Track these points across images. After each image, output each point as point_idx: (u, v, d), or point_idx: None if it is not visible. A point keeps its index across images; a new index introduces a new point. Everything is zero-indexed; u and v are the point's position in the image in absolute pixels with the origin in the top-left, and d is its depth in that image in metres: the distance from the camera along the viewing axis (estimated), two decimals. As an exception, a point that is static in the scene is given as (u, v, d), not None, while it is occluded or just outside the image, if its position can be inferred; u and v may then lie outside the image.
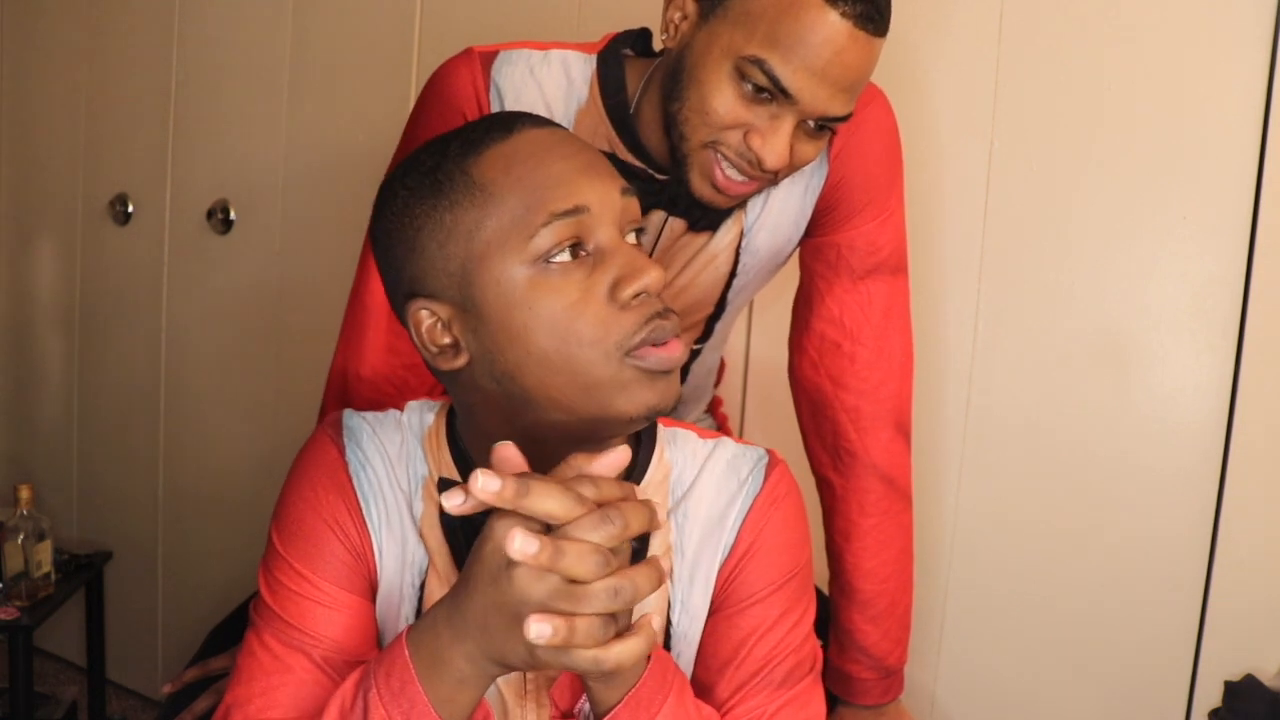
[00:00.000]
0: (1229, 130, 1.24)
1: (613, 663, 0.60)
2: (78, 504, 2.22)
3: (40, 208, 2.22)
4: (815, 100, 0.87)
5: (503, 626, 0.60)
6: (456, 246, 0.71)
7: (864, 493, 1.10)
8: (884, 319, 1.09)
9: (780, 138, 0.88)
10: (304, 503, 0.80)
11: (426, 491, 0.80)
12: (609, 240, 0.71)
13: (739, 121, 0.89)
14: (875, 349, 1.09)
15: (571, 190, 0.70)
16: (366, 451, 0.80)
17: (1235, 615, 1.27)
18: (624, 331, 0.69)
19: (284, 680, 0.75)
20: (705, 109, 0.89)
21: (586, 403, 0.70)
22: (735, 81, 0.88)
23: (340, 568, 0.78)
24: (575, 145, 0.73)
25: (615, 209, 0.71)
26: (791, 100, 0.87)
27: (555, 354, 0.69)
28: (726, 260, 1.07)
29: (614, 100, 0.98)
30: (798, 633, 0.81)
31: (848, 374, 1.10)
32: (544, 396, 0.71)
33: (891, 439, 1.11)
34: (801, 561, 0.83)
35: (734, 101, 0.88)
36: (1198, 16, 1.25)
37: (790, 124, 0.88)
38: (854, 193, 1.05)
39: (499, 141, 0.72)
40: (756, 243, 1.06)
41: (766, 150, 0.88)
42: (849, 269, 1.08)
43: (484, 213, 0.70)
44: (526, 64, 1.01)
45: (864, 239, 1.07)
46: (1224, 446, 1.27)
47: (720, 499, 0.82)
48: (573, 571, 0.57)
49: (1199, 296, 1.28)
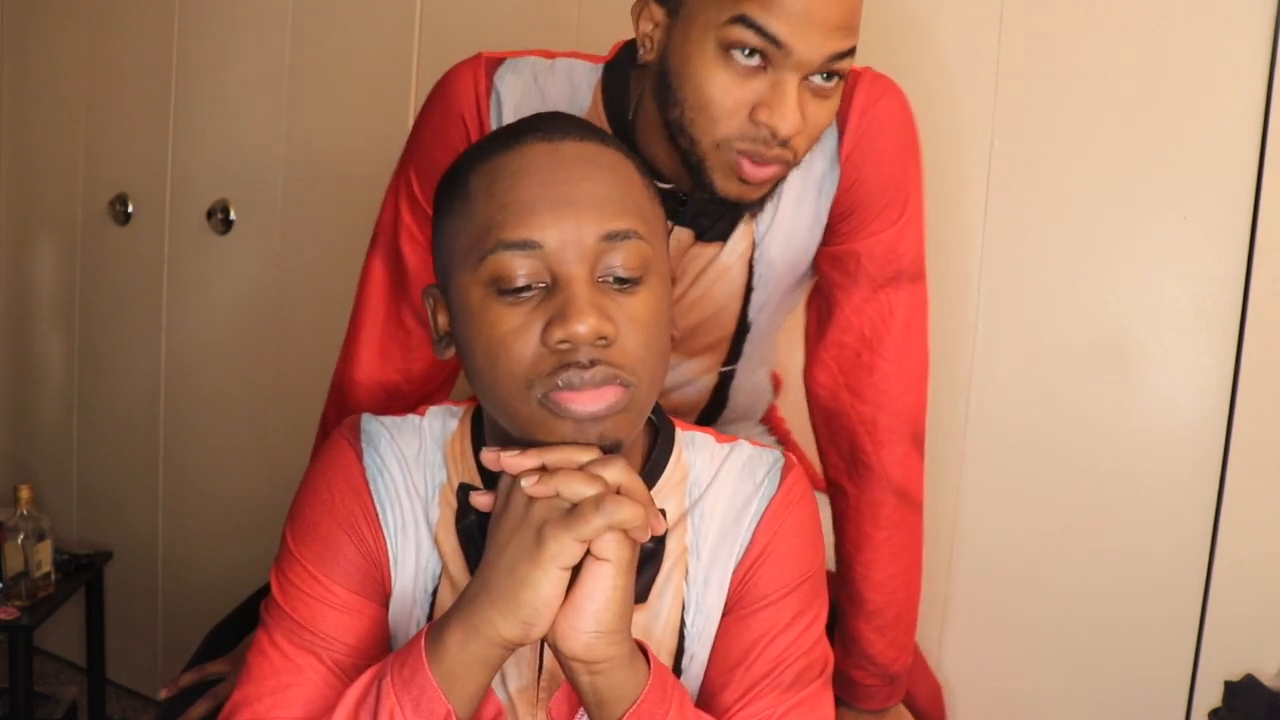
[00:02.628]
0: (1229, 130, 1.24)
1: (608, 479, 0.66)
2: (78, 504, 2.22)
3: (40, 208, 2.23)
4: (810, 46, 0.82)
5: (526, 572, 0.66)
6: (444, 247, 0.74)
7: (878, 505, 1.08)
8: (905, 329, 1.05)
9: (788, 101, 0.83)
10: (320, 505, 0.79)
11: (443, 498, 0.80)
12: (567, 279, 0.68)
13: (740, 102, 0.84)
14: (896, 361, 1.06)
15: (527, 222, 0.68)
16: (384, 456, 0.80)
17: (1235, 615, 1.27)
18: (538, 374, 0.68)
19: (294, 680, 0.75)
20: (704, 101, 0.85)
21: (513, 427, 0.72)
22: (725, 60, 0.84)
23: (354, 572, 0.78)
24: (565, 173, 0.70)
25: (584, 249, 0.68)
26: (786, 52, 0.82)
27: (486, 375, 0.71)
28: (740, 272, 1.04)
29: (616, 108, 0.97)
30: (809, 636, 0.80)
31: (866, 385, 1.06)
32: (491, 409, 0.74)
33: (907, 452, 1.08)
34: (815, 565, 0.83)
35: (729, 81, 0.84)
36: (1198, 16, 1.25)
37: (793, 86, 0.84)
38: (870, 195, 1.00)
39: (501, 153, 0.72)
40: (771, 253, 1.03)
41: (777, 118, 0.84)
42: (869, 277, 1.04)
43: (462, 222, 0.72)
44: (531, 72, 0.99)
45: (883, 246, 1.03)
46: (1224, 447, 1.27)
47: (736, 501, 0.81)
48: (566, 491, 0.66)
49: (1199, 297, 1.27)
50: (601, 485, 0.66)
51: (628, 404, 0.69)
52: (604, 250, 0.69)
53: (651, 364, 0.71)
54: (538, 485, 0.66)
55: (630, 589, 0.68)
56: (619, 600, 0.67)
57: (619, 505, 0.65)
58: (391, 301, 1.08)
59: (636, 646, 0.71)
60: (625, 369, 0.69)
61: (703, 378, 1.15)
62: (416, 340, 1.09)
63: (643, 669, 0.70)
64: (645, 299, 0.71)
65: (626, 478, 0.67)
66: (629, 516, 0.65)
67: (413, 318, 1.08)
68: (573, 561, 0.66)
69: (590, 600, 0.66)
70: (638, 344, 0.70)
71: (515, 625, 0.66)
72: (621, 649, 0.68)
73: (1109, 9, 1.29)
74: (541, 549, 0.65)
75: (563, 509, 0.66)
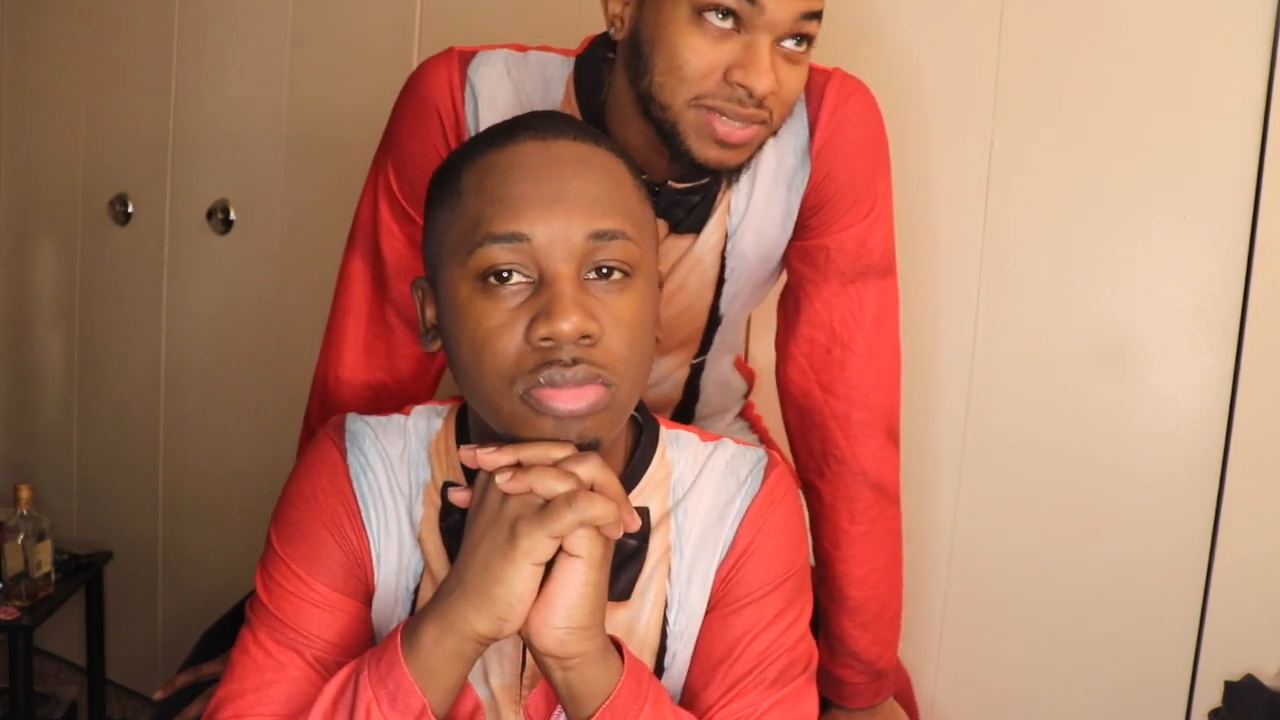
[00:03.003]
0: (1229, 130, 1.24)
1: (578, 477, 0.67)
2: (78, 504, 2.22)
3: (40, 208, 2.23)
4: (781, 5, 0.84)
5: (500, 568, 0.66)
6: (434, 242, 0.75)
7: (853, 500, 1.08)
8: (875, 324, 1.07)
9: (762, 60, 0.85)
10: (304, 504, 0.80)
11: (427, 497, 0.80)
12: (554, 275, 0.69)
13: (714, 64, 0.85)
14: (866, 355, 1.07)
15: (516, 215, 0.69)
16: (368, 455, 0.81)
17: (1235, 615, 1.27)
18: (521, 370, 0.68)
19: (276, 678, 0.76)
20: (677, 64, 0.86)
21: (497, 425, 0.72)
22: (697, 23, 0.85)
23: (337, 570, 0.79)
24: (557, 171, 0.71)
25: (571, 247, 0.69)
26: (759, 9, 0.83)
27: (471, 370, 0.71)
28: (713, 264, 1.05)
29: (589, 101, 0.97)
30: (792, 633, 0.81)
31: (838, 381, 1.07)
32: (475, 404, 0.74)
33: (882, 446, 1.09)
34: (798, 562, 0.83)
35: (702, 44, 0.85)
36: (1198, 16, 1.25)
37: (766, 45, 0.85)
38: (839, 190, 1.02)
39: (494, 149, 0.73)
40: (743, 245, 1.04)
41: (752, 77, 0.85)
42: (838, 272, 1.05)
43: (453, 216, 0.73)
44: (504, 65, 1.00)
45: (853, 240, 1.04)
46: (1224, 447, 1.27)
47: (719, 499, 0.82)
48: (539, 487, 0.67)
49: (1199, 297, 1.27)
50: (575, 482, 0.66)
51: (609, 403, 0.70)
52: (592, 249, 0.69)
53: (634, 364, 0.71)
54: (511, 481, 0.67)
55: (603, 585, 0.69)
56: (591, 596, 0.67)
57: (591, 501, 0.65)
58: (374, 299, 1.08)
59: (610, 642, 0.71)
60: (608, 369, 0.69)
61: (676, 372, 1.16)
62: (400, 338, 1.09)
63: (616, 665, 0.71)
64: (631, 300, 0.71)
65: (600, 474, 0.68)
66: (601, 513, 0.65)
67: (395, 316, 1.08)
68: (545, 557, 0.66)
69: (562, 596, 0.67)
70: (622, 344, 0.70)
71: (489, 620, 0.66)
72: (594, 644, 0.69)
73: (1109, 9, 1.29)
74: (514, 545, 0.65)
75: (536, 505, 0.66)
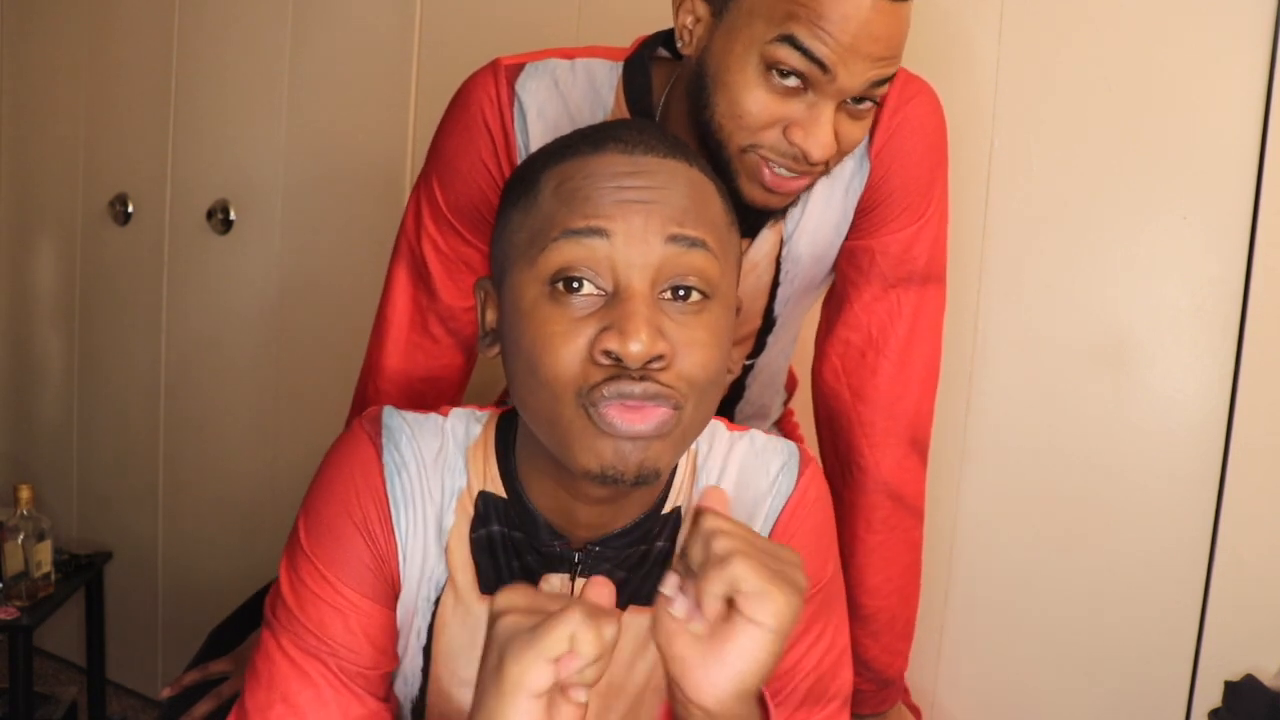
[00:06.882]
0: (1229, 130, 1.24)
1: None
2: (78, 504, 2.22)
3: (40, 208, 2.23)
4: (852, 75, 0.82)
5: (493, 704, 0.57)
6: (504, 241, 0.72)
7: (871, 509, 1.07)
8: (910, 331, 1.04)
9: (823, 127, 0.83)
10: (336, 501, 0.76)
11: (460, 504, 0.77)
12: (629, 289, 0.64)
13: (775, 119, 0.84)
14: (898, 362, 1.05)
15: (595, 211, 0.65)
16: (404, 454, 0.77)
17: (1235, 615, 1.27)
18: (586, 383, 0.64)
19: (302, 687, 0.73)
20: (738, 112, 0.84)
21: (550, 439, 0.68)
22: (764, 76, 0.83)
23: (364, 574, 0.75)
24: (642, 180, 0.67)
25: (650, 251, 0.65)
26: (829, 76, 0.81)
27: (530, 377, 0.67)
28: (768, 269, 1.03)
29: (639, 108, 0.96)
30: (818, 651, 0.77)
31: (867, 386, 1.06)
32: (527, 416, 0.71)
33: (905, 455, 1.08)
34: (828, 572, 0.80)
35: (767, 98, 0.83)
36: (1198, 16, 1.25)
37: (830, 110, 0.84)
38: (893, 193, 1.00)
39: (578, 156, 0.69)
40: (798, 249, 1.03)
41: (810, 143, 0.83)
42: (880, 275, 1.03)
43: (525, 217, 0.70)
44: (552, 76, 0.98)
45: (899, 244, 1.02)
46: (1224, 447, 1.26)
47: (747, 494, 0.79)
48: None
49: (1199, 297, 1.27)
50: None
51: (674, 427, 0.66)
52: (671, 257, 0.66)
53: (704, 390, 0.67)
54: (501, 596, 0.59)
55: (781, 651, 0.61)
56: (770, 666, 0.60)
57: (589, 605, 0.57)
58: (416, 309, 1.07)
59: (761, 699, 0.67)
60: (677, 390, 0.65)
61: None
62: (444, 348, 1.08)
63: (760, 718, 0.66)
64: (707, 322, 0.66)
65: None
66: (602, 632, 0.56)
67: (439, 326, 1.07)
68: (544, 687, 0.56)
69: (739, 660, 0.59)
70: (694, 367, 0.65)
71: None
72: (752, 705, 0.63)
73: (1109, 9, 1.29)
74: (502, 675, 0.56)
75: (526, 626, 0.57)
